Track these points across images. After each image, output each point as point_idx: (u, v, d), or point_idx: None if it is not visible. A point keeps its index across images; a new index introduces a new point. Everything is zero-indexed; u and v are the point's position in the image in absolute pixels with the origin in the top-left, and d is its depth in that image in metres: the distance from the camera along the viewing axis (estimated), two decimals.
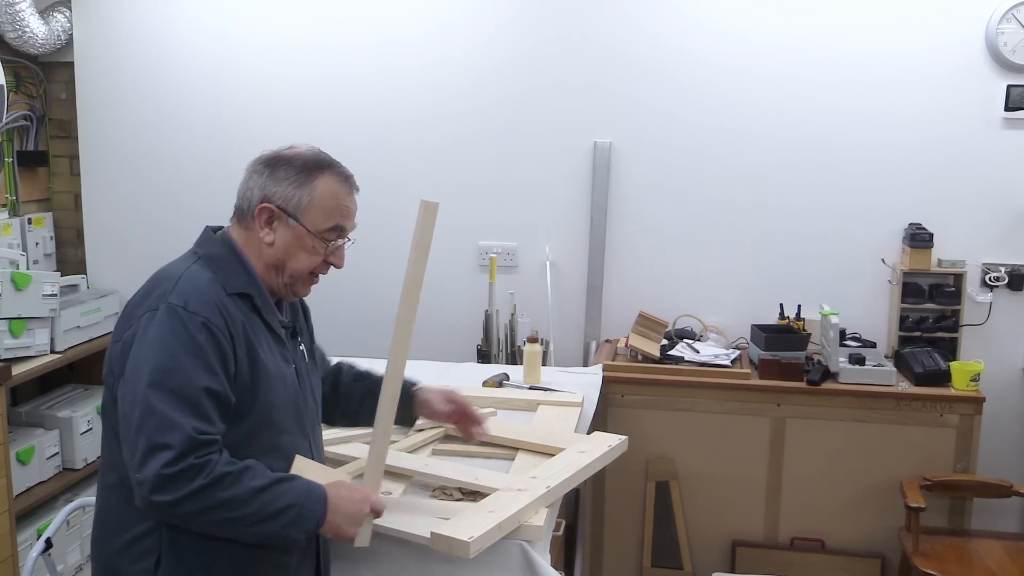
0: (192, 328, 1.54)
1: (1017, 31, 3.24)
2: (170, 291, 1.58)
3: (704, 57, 3.46)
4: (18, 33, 3.54)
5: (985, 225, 3.38)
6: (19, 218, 3.74)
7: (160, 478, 1.45)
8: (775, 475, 3.18)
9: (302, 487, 1.57)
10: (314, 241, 1.71)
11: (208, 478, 1.47)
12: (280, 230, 1.69)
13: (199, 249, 1.71)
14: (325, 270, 1.79)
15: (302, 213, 1.68)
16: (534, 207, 3.63)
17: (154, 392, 1.49)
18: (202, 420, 1.50)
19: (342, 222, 1.75)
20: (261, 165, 1.71)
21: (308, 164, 1.71)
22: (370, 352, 3.31)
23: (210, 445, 1.50)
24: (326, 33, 3.67)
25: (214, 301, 1.59)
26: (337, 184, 1.74)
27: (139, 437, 1.47)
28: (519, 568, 1.78)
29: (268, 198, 1.68)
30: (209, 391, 1.52)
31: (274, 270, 1.72)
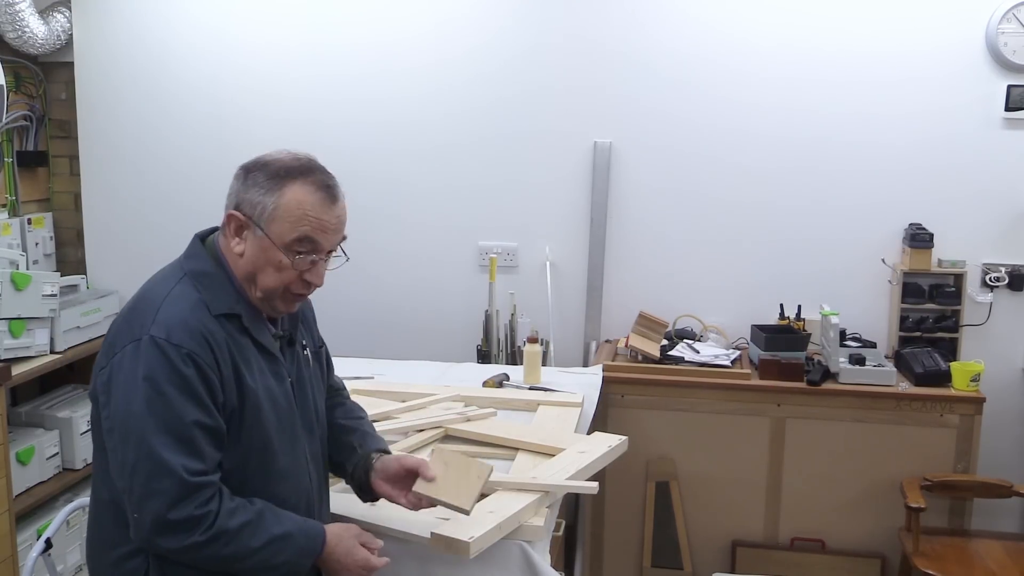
0: (177, 361, 1.49)
1: (1017, 31, 3.24)
2: (151, 320, 1.51)
3: (704, 57, 3.46)
4: (18, 33, 3.54)
5: (985, 225, 3.38)
6: (19, 218, 3.74)
7: (158, 524, 1.46)
8: (775, 475, 3.18)
9: (299, 543, 1.58)
10: (280, 255, 1.57)
11: (206, 535, 1.47)
12: (249, 240, 1.59)
13: (186, 264, 1.63)
14: (304, 288, 1.63)
15: (267, 223, 1.56)
16: (534, 207, 3.63)
17: (145, 431, 1.46)
18: (194, 458, 1.48)
19: (312, 235, 1.58)
20: (241, 169, 1.63)
21: (281, 171, 1.59)
22: (369, 352, 3.32)
23: (204, 489, 1.48)
24: (326, 33, 3.67)
25: (198, 329, 1.52)
26: (308, 193, 1.58)
27: (133, 478, 1.47)
28: (519, 568, 1.78)
29: (238, 205, 1.59)
30: (199, 424, 1.50)
31: (248, 284, 1.62)
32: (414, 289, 3.74)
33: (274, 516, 1.57)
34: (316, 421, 1.77)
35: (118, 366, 1.51)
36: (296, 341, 1.75)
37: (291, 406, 1.68)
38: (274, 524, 1.56)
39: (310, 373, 1.78)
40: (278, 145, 3.77)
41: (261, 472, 1.61)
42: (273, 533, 1.55)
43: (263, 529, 1.54)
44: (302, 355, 1.77)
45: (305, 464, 1.71)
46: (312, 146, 3.92)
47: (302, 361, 1.76)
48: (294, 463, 1.68)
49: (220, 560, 1.51)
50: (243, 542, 1.51)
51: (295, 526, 1.59)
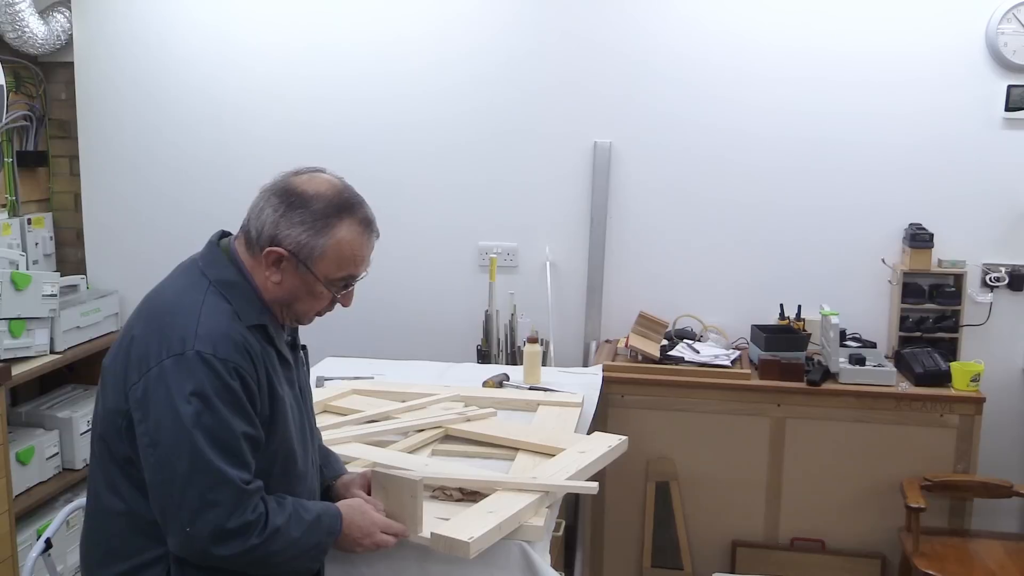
0: (226, 376, 1.50)
1: (1017, 31, 3.24)
2: (193, 334, 1.51)
3: (704, 57, 3.46)
4: (18, 33, 3.54)
5: (985, 225, 3.38)
6: (19, 218, 3.74)
7: (218, 533, 1.48)
8: (775, 475, 3.18)
9: (325, 524, 1.63)
10: (322, 288, 1.63)
11: (262, 536, 1.52)
12: (288, 273, 1.61)
13: (209, 272, 1.61)
14: (331, 308, 1.72)
15: (314, 262, 1.60)
16: (534, 207, 3.63)
17: (198, 445, 1.47)
18: (244, 468, 1.52)
19: (355, 271, 1.67)
20: (276, 198, 1.60)
21: (328, 209, 1.60)
22: (369, 352, 3.32)
23: (255, 494, 1.53)
24: (326, 33, 3.66)
25: (240, 342, 1.54)
26: (356, 233, 1.63)
27: (187, 490, 1.47)
28: (519, 568, 1.78)
29: (279, 241, 1.58)
30: (246, 436, 1.53)
31: (279, 306, 1.65)
32: (414, 289, 3.74)
33: (301, 505, 1.63)
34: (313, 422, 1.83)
35: (157, 380, 1.49)
36: (298, 345, 1.80)
37: (301, 410, 1.73)
38: (304, 512, 1.61)
39: (306, 375, 1.84)
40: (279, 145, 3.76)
41: (283, 475, 1.65)
42: (306, 520, 1.60)
43: (299, 519, 1.59)
44: (302, 358, 1.82)
45: (313, 465, 1.77)
46: (312, 146, 3.94)
47: (302, 364, 1.81)
48: (306, 465, 1.73)
49: (270, 556, 1.54)
50: (289, 535, 1.56)
51: (319, 508, 1.66)
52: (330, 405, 2.54)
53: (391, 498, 1.74)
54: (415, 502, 1.72)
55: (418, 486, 1.73)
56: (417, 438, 2.29)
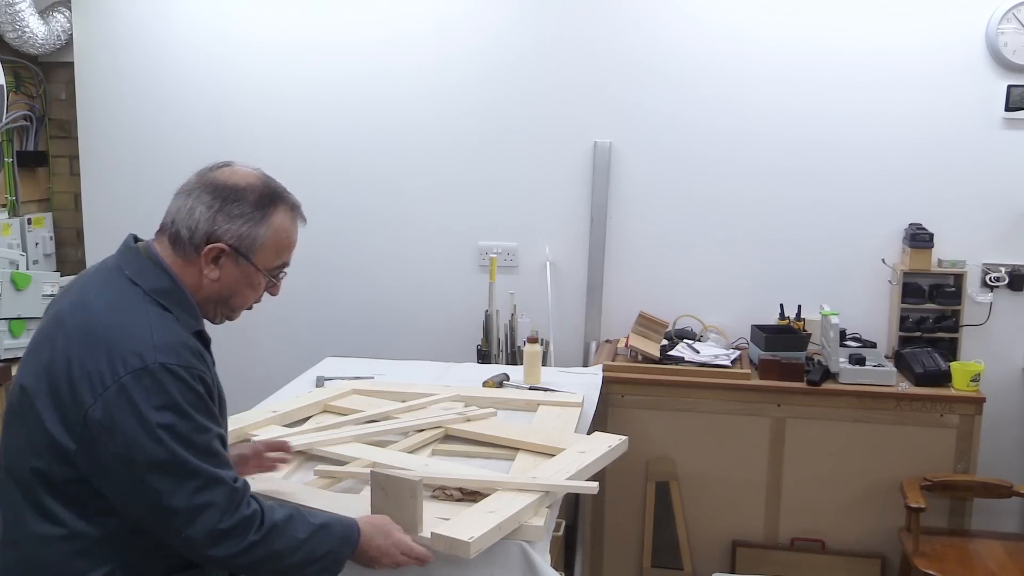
0: (192, 382, 1.50)
1: (1017, 31, 3.24)
2: (150, 347, 1.48)
3: (704, 57, 3.46)
4: (18, 33, 3.54)
5: (985, 225, 3.38)
6: (19, 218, 3.74)
7: (215, 534, 1.49)
8: (775, 475, 3.18)
9: (337, 533, 1.63)
10: (262, 278, 1.65)
11: (260, 532, 1.52)
12: (227, 267, 1.61)
13: (141, 281, 1.57)
14: (259, 300, 1.72)
15: (255, 253, 1.61)
16: (534, 207, 3.63)
17: (182, 453, 1.46)
18: (227, 467, 1.53)
19: (289, 257, 1.69)
20: (209, 195, 1.61)
21: (263, 199, 1.62)
22: (369, 352, 3.32)
23: (246, 491, 1.54)
24: (326, 33, 3.67)
25: (195, 348, 1.56)
26: (290, 220, 1.66)
27: (176, 499, 1.46)
28: (519, 568, 1.77)
29: (219, 236, 1.58)
30: (220, 438, 1.55)
31: (214, 303, 1.65)
32: (414, 289, 3.74)
33: (307, 510, 1.63)
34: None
35: (119, 398, 1.46)
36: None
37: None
38: (311, 516, 1.62)
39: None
40: (279, 145, 3.77)
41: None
42: (314, 524, 1.60)
43: (304, 521, 1.59)
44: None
45: None
46: (312, 146, 3.94)
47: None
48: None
49: (272, 556, 1.54)
50: (291, 534, 1.56)
51: (330, 517, 1.65)
52: (330, 405, 2.54)
53: (391, 498, 1.74)
54: (415, 502, 1.72)
55: (418, 486, 1.73)
56: (417, 438, 2.28)
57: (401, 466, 2.01)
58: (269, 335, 3.79)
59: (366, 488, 1.86)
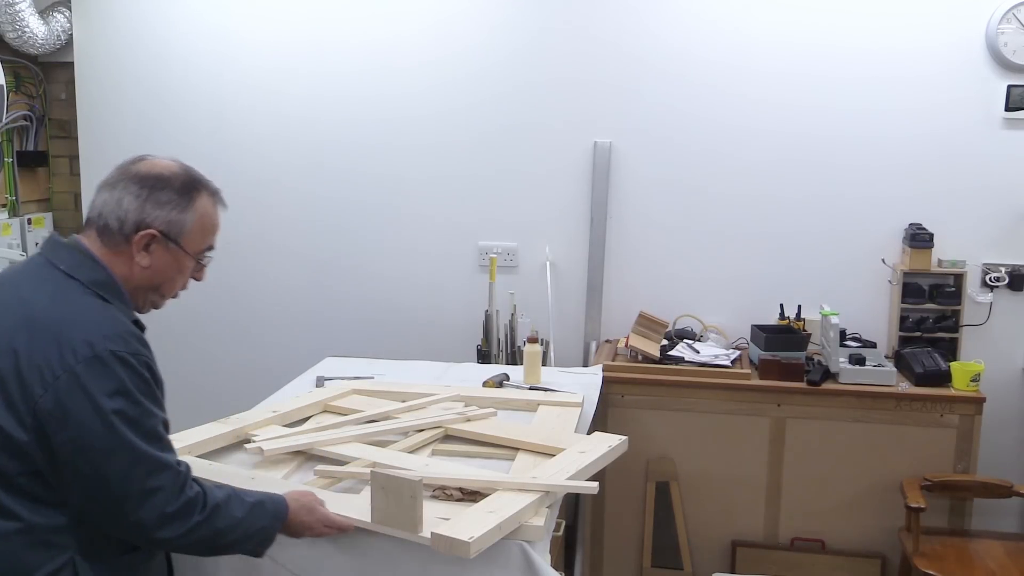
0: (140, 368, 1.55)
1: (1017, 31, 3.24)
2: (99, 336, 1.52)
3: (705, 56, 3.46)
4: (18, 33, 3.54)
5: (985, 225, 3.38)
6: (19, 218, 3.74)
7: (163, 517, 1.54)
8: (775, 475, 3.18)
9: (270, 510, 1.71)
10: (190, 262, 1.70)
11: (204, 513, 1.59)
12: (157, 253, 1.66)
13: (78, 274, 1.60)
14: (186, 287, 1.77)
15: (183, 237, 1.67)
16: (534, 207, 3.63)
17: (132, 438, 1.51)
18: (172, 451, 1.59)
19: (213, 242, 1.75)
20: (135, 185, 1.66)
21: (187, 186, 1.69)
22: (369, 352, 3.31)
23: (189, 475, 1.60)
24: (326, 32, 3.67)
25: (137, 336, 1.60)
26: (212, 204, 1.73)
27: (128, 483, 1.51)
28: (519, 568, 1.77)
29: (149, 223, 1.64)
30: (164, 423, 1.61)
31: (144, 291, 1.69)
32: (414, 289, 3.74)
33: (240, 490, 1.70)
34: None
35: (71, 387, 1.49)
36: None
37: None
38: (245, 495, 1.69)
39: None
40: (279, 146, 3.77)
41: None
42: (248, 502, 1.68)
43: (240, 500, 1.67)
44: None
45: None
46: (312, 145, 3.93)
47: None
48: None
49: (214, 535, 1.60)
50: (231, 512, 1.63)
51: (261, 495, 1.73)
52: (330, 405, 2.54)
53: (391, 498, 1.74)
54: (415, 502, 1.72)
55: (418, 486, 1.73)
56: (417, 438, 2.28)
57: (401, 466, 2.01)
58: (269, 335, 3.79)
59: (366, 488, 1.86)
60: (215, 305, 3.74)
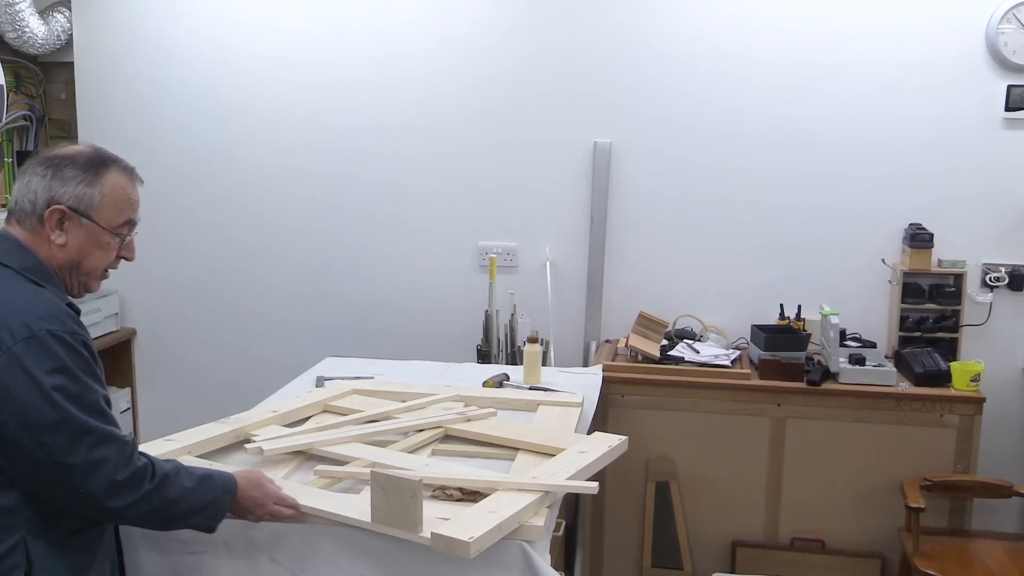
0: (77, 347, 1.58)
1: (1017, 31, 3.24)
2: (34, 316, 1.56)
3: (704, 57, 3.46)
4: (18, 33, 3.54)
5: (985, 225, 3.38)
6: None
7: (111, 488, 1.56)
8: (775, 475, 3.18)
9: (219, 482, 1.74)
10: (109, 237, 1.72)
11: (154, 482, 1.61)
12: (72, 230, 1.68)
13: (9, 261, 1.64)
14: (117, 264, 1.79)
15: (94, 211, 1.69)
16: (534, 207, 3.63)
17: (74, 413, 1.54)
18: (115, 425, 1.62)
19: (132, 215, 1.76)
20: (41, 167, 1.69)
21: (93, 160, 1.71)
22: (369, 352, 3.31)
23: (134, 445, 1.63)
24: (327, 35, 3.67)
25: (72, 316, 1.63)
26: (124, 178, 1.75)
27: (72, 456, 1.53)
28: (519, 568, 1.77)
29: (57, 199, 1.66)
30: (105, 399, 1.63)
31: (68, 270, 1.71)
32: (414, 289, 3.74)
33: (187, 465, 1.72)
34: None
35: (9, 367, 1.53)
36: None
37: None
38: (193, 469, 1.72)
39: None
40: (280, 146, 3.79)
41: None
42: (197, 475, 1.71)
43: (188, 472, 1.70)
44: None
45: None
46: (312, 147, 3.93)
47: None
48: None
49: (165, 505, 1.63)
50: (180, 483, 1.66)
51: (209, 469, 1.78)
52: (330, 405, 2.54)
53: (391, 498, 1.74)
54: (415, 502, 1.72)
55: (418, 486, 1.73)
56: (417, 438, 2.28)
57: (401, 466, 2.01)
58: (269, 335, 3.79)
59: (366, 488, 1.86)
60: (215, 305, 3.75)
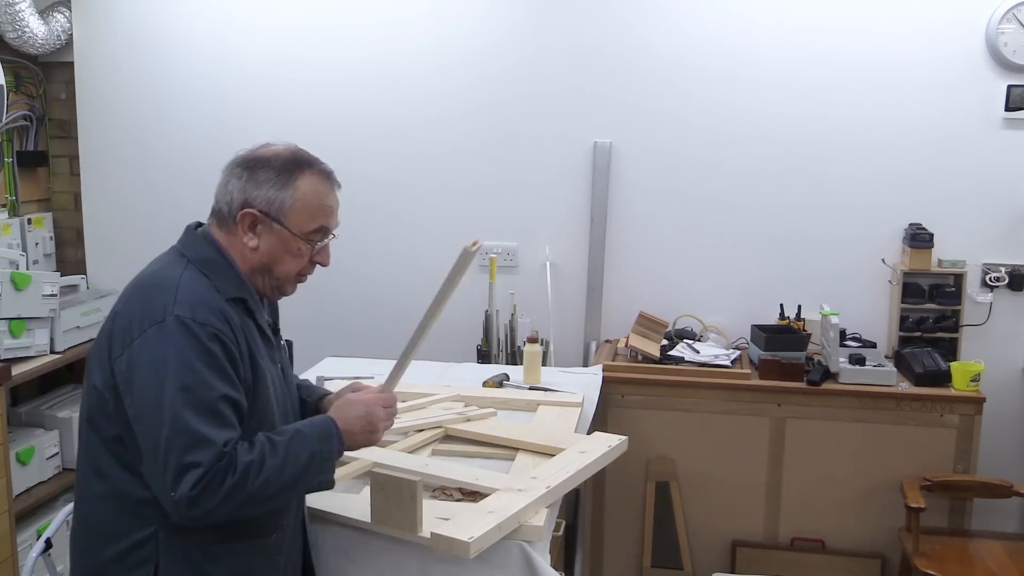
0: (205, 339, 1.52)
1: (1017, 31, 3.24)
2: (172, 302, 1.54)
3: (704, 57, 3.46)
4: (18, 33, 3.54)
5: (985, 225, 3.38)
6: (19, 218, 3.74)
7: (193, 496, 1.46)
8: (775, 475, 3.18)
9: (311, 433, 1.62)
10: (299, 243, 1.67)
11: (235, 476, 1.49)
12: (264, 235, 1.66)
13: (187, 251, 1.66)
14: (311, 270, 1.74)
15: (286, 216, 1.65)
16: (534, 207, 3.63)
17: (180, 408, 1.48)
18: (226, 428, 1.52)
19: (326, 222, 1.71)
20: (239, 168, 1.68)
21: (288, 164, 1.67)
22: (369, 352, 3.31)
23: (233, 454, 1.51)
24: (327, 35, 3.66)
25: (218, 308, 1.58)
26: (319, 182, 1.70)
27: (169, 455, 1.47)
28: (519, 568, 1.77)
29: (249, 202, 1.65)
30: (227, 398, 1.53)
31: (260, 274, 1.69)
32: (414, 289, 3.71)
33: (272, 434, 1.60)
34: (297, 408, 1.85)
35: (140, 350, 1.52)
36: (279, 331, 1.84)
37: (284, 394, 1.76)
38: (276, 436, 1.59)
39: (287, 364, 1.86)
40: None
41: None
42: (285, 441, 1.58)
43: (275, 444, 1.56)
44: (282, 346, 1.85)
45: None
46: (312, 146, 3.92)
47: (284, 350, 1.85)
48: None
49: (257, 491, 1.51)
50: (268, 463, 1.53)
51: (294, 425, 1.65)
52: None
53: (391, 498, 1.74)
54: (415, 502, 1.72)
55: (418, 486, 1.73)
56: (417, 438, 2.29)
57: (401, 466, 2.01)
58: None
59: (366, 488, 1.86)
60: None
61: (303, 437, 1.60)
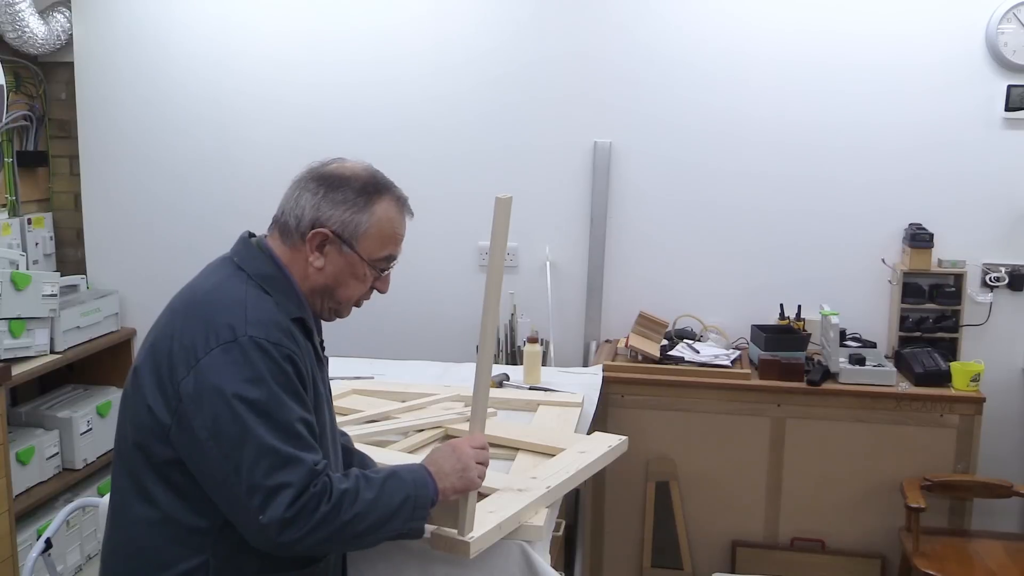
0: (280, 361, 1.48)
1: (1017, 31, 3.24)
2: (243, 321, 1.49)
3: (704, 57, 3.46)
4: (18, 33, 3.54)
5: (985, 225, 3.38)
6: (19, 218, 3.74)
7: (287, 519, 1.42)
8: (775, 475, 3.18)
9: (407, 477, 1.58)
10: (366, 268, 1.63)
11: (331, 503, 1.46)
12: (332, 255, 1.61)
13: (246, 266, 1.59)
14: (370, 296, 1.70)
15: (358, 240, 1.61)
16: (534, 207, 3.62)
17: (261, 429, 1.43)
18: (311, 450, 1.49)
19: (394, 250, 1.68)
20: (315, 183, 1.63)
21: (367, 186, 1.64)
22: (369, 352, 3.32)
23: (323, 473, 1.48)
24: (327, 36, 3.66)
25: (287, 328, 1.54)
26: (395, 209, 1.67)
27: (254, 477, 1.42)
28: (519, 568, 1.78)
29: (323, 222, 1.59)
30: (304, 421, 1.50)
31: (320, 295, 1.63)
32: (414, 289, 3.73)
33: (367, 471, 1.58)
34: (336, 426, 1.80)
35: (208, 371, 1.46)
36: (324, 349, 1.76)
37: (330, 413, 1.71)
38: (372, 474, 1.56)
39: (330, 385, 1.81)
40: (280, 147, 3.78)
41: None
42: (380, 478, 1.55)
43: (370, 480, 1.54)
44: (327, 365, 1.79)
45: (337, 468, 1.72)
46: (311, 147, 3.92)
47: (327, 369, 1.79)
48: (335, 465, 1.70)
49: (348, 524, 1.48)
50: (362, 496, 1.50)
51: (390, 468, 1.61)
52: None
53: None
54: (466, 504, 1.67)
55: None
56: (417, 438, 2.29)
57: None
58: None
59: None
60: None
61: (398, 479, 1.57)
